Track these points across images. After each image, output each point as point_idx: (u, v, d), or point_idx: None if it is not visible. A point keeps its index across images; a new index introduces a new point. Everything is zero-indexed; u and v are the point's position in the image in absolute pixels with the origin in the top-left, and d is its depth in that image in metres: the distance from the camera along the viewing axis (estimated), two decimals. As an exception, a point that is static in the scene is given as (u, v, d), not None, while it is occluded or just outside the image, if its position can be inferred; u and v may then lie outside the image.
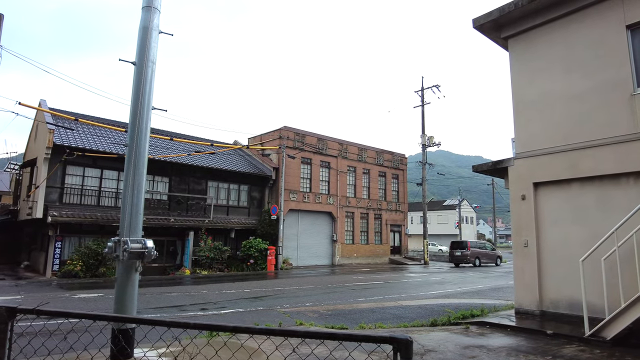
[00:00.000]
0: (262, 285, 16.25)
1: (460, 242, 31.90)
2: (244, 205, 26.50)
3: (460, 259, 30.45)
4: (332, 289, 14.99)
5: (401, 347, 1.80)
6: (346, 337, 1.88)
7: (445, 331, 7.50)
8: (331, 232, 29.97)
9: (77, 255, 17.83)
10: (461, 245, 31.08)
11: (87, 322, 4.77)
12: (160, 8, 5.19)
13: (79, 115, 22.01)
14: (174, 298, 12.09)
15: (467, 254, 30.01)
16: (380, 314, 9.89)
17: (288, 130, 28.03)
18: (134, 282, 4.48)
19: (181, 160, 22.92)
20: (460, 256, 30.42)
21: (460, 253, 30.46)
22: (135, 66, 4.81)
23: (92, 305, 10.69)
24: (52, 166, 18.84)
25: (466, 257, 30.02)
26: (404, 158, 36.79)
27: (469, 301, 11.87)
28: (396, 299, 12.41)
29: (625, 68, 7.77)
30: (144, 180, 4.57)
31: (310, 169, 28.99)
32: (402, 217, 35.75)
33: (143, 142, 4.59)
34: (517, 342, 6.57)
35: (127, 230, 4.44)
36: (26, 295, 12.10)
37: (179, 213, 22.74)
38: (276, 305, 10.83)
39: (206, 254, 21.62)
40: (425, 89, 34.51)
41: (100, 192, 20.52)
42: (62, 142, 18.90)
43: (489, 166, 10.18)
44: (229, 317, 9.21)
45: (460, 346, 6.27)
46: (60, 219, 18.05)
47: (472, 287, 16.32)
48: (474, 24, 9.93)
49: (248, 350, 5.00)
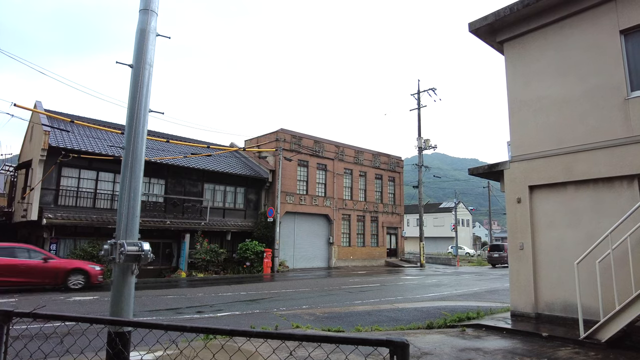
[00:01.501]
0: (258, 287, 16.22)
1: (497, 245, 34.58)
2: (241, 207, 26.47)
3: (498, 260, 32.83)
4: (328, 291, 14.99)
5: (397, 349, 1.80)
6: (343, 340, 1.89)
7: (441, 334, 7.51)
8: (328, 235, 29.98)
9: (72, 257, 17.73)
10: (498, 247, 33.72)
11: (84, 325, 4.73)
12: (158, 11, 5.19)
13: (74, 117, 21.93)
14: (170, 301, 12.05)
15: (504, 255, 31.65)
16: (377, 316, 9.90)
17: (285, 132, 28.05)
18: (130, 285, 4.45)
19: (177, 162, 22.87)
20: (497, 257, 32.91)
21: (497, 255, 33.03)
22: (132, 69, 4.80)
23: (88, 308, 10.64)
24: (48, 168, 18.75)
25: (503, 259, 31.70)
26: (401, 161, 36.88)
27: (465, 304, 11.91)
28: (392, 302, 12.42)
29: (619, 72, 7.84)
30: (140, 183, 4.56)
31: (307, 171, 29.01)
32: (399, 220, 35.81)
33: (140, 144, 4.58)
34: (512, 345, 6.60)
35: (123, 232, 4.42)
36: (20, 298, 12.03)
37: (175, 215, 22.68)
38: (272, 308, 10.82)
39: (202, 257, 21.58)
40: (422, 92, 34.66)
41: (96, 195, 20.44)
42: (57, 143, 18.82)
43: (485, 169, 10.23)
44: (225, 320, 9.20)
45: (456, 349, 6.29)
46: (55, 221, 17.96)
47: (468, 289, 16.36)
48: (469, 28, 10.00)
49: (245, 353, 5.00)
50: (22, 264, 13.95)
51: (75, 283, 14.64)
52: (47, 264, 14.29)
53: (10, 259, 13.81)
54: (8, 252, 14.09)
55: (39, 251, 14.97)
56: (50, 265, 14.31)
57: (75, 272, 14.76)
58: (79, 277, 14.78)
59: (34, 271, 14.04)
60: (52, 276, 14.28)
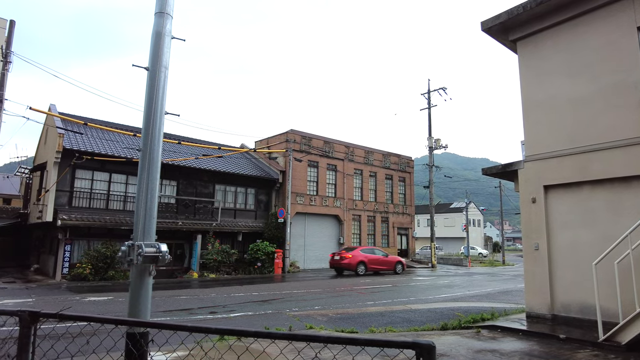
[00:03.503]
0: (270, 288, 16.26)
1: None
2: (251, 208, 26.57)
3: None
4: (340, 292, 14.96)
5: (424, 352, 1.79)
6: (368, 342, 1.88)
7: (456, 335, 7.46)
8: (338, 235, 29.94)
9: (86, 258, 17.93)
10: None
11: (96, 326, 4.75)
12: (173, 14, 5.22)
13: (88, 120, 22.22)
14: (182, 301, 12.14)
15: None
16: (390, 317, 9.86)
17: (295, 133, 28.09)
18: (147, 286, 4.49)
19: (189, 163, 23.03)
20: None
21: None
22: (148, 71, 4.84)
23: (103, 309, 10.75)
24: (62, 170, 19.01)
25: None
26: (411, 161, 36.71)
27: (479, 304, 11.80)
28: (405, 303, 12.36)
29: (636, 70, 7.71)
30: (157, 184, 4.59)
31: (317, 172, 29.01)
32: (409, 220, 35.64)
33: (156, 146, 4.62)
34: (529, 347, 6.52)
35: (140, 234, 4.46)
36: (37, 299, 12.20)
37: (187, 216, 22.85)
38: (285, 309, 10.83)
39: (214, 257, 21.69)
40: (432, 91, 34.46)
41: (109, 196, 20.66)
42: (71, 146, 19.07)
43: (499, 169, 10.13)
44: (238, 321, 9.23)
45: (472, 350, 6.24)
46: (70, 222, 18.19)
47: (481, 290, 16.22)
48: (482, 26, 9.92)
49: (263, 357, 5.00)
50: (379, 258, 23.94)
51: (399, 270, 24.53)
52: (387, 258, 24.40)
53: (375, 255, 23.86)
54: (371, 251, 24.47)
55: (381, 250, 25.82)
56: (388, 259, 24.42)
57: (398, 263, 24.83)
58: (399, 266, 24.68)
59: (383, 262, 23.98)
60: (390, 265, 24.15)
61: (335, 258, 23.07)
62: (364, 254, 23.18)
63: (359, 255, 22.79)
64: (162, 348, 5.31)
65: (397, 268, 24.42)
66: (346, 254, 22.72)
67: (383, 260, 23.91)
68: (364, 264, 22.74)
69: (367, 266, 22.90)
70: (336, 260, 22.92)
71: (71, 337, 5.97)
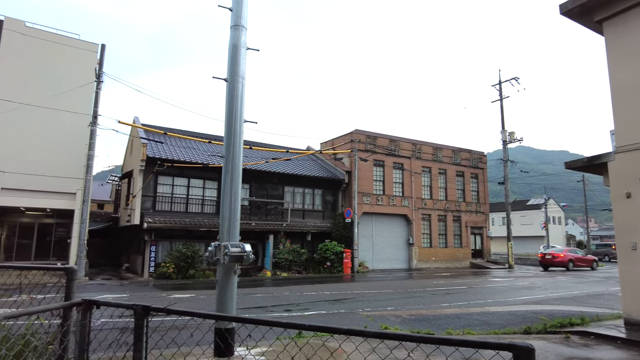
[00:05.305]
0: (340, 287, 16.40)
1: None
2: (319, 209, 26.98)
3: None
4: (412, 293, 14.71)
5: (522, 355, 1.73)
6: (462, 342, 1.86)
7: (541, 340, 7.02)
8: (407, 235, 29.41)
9: (169, 258, 19.31)
10: None
11: (184, 321, 5.13)
12: (247, 25, 5.49)
13: (167, 129, 23.94)
14: (258, 299, 12.64)
15: None
16: (467, 319, 9.51)
17: (359, 133, 28.07)
18: (233, 284, 4.78)
19: (260, 167, 23.97)
20: None
21: None
22: (227, 82, 5.14)
23: (187, 305, 11.52)
24: (146, 177, 20.66)
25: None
26: (483, 156, 35.03)
27: (564, 308, 11.00)
28: (482, 305, 11.85)
29: None
30: (240, 188, 4.87)
31: (382, 171, 28.74)
32: (483, 219, 34.03)
33: (238, 152, 4.89)
34: (631, 357, 5.96)
35: (226, 235, 4.75)
36: (131, 294, 13.38)
37: (259, 217, 23.76)
38: (357, 309, 10.87)
39: (285, 257, 22.34)
40: (503, 82, 32.70)
41: (188, 200, 22.09)
42: (153, 154, 20.67)
43: (584, 162, 9.36)
44: (312, 319, 9.42)
45: (561, 357, 5.84)
46: (154, 224, 19.72)
47: (566, 292, 15.08)
48: (561, 9, 9.23)
49: (338, 353, 5.09)
50: (580, 257, 29.15)
51: (595, 266, 29.15)
52: (586, 257, 29.71)
53: (577, 255, 29.35)
54: (573, 251, 30.61)
55: (580, 250, 32.58)
56: (587, 258, 29.56)
57: (594, 261, 29.62)
58: (595, 264, 29.40)
59: (584, 260, 28.93)
60: (588, 263, 28.96)
61: (546, 257, 28.74)
62: (570, 254, 29.25)
63: (568, 254, 28.83)
64: (244, 342, 5.61)
65: (594, 265, 29.48)
66: (557, 254, 28.97)
67: (583, 259, 29.29)
68: (572, 261, 28.22)
69: (574, 263, 28.19)
70: (548, 259, 28.51)
71: (165, 329, 6.49)
